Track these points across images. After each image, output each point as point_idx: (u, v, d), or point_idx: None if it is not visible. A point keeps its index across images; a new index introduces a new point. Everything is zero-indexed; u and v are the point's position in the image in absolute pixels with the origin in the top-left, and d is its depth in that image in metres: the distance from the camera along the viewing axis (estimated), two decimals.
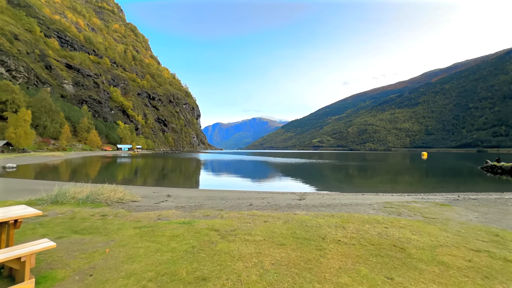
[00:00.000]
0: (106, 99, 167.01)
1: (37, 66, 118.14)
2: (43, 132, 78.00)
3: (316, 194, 11.10)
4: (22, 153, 48.66)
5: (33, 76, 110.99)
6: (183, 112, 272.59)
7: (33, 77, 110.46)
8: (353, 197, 9.67)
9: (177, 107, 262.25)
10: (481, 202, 7.98)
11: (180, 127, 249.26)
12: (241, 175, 25.52)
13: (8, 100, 66.18)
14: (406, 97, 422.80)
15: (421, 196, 9.89)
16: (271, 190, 13.62)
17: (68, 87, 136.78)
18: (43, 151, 60.27)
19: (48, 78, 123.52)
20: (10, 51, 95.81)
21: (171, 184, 16.46)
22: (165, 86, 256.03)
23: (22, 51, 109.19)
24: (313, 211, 6.17)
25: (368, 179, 23.13)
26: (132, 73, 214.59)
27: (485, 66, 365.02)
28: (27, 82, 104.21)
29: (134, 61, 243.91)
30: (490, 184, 19.35)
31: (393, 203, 7.58)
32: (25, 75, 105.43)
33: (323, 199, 8.76)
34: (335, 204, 7.36)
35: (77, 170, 26.45)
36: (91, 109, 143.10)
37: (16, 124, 50.23)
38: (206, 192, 11.03)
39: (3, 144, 48.89)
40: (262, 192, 11.21)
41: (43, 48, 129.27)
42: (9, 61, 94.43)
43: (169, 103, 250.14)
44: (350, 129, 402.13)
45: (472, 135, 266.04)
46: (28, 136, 52.07)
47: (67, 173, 23.98)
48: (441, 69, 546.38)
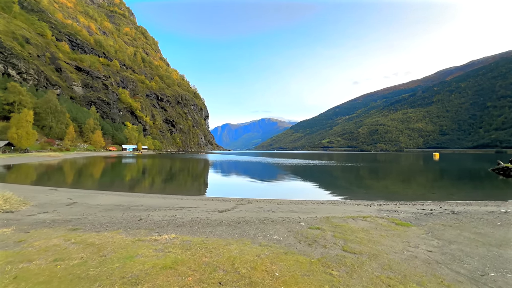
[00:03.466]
0: (115, 100, 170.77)
1: (47, 69, 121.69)
2: (48, 133, 79.71)
3: (258, 202, 9.57)
4: (23, 153, 49.43)
5: (43, 78, 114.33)
6: (191, 113, 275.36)
7: (43, 80, 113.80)
8: (299, 207, 8.12)
9: (185, 108, 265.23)
10: (460, 220, 6.30)
11: (188, 128, 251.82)
12: (210, 177, 24.24)
13: (15, 101, 67.94)
14: (419, 96, 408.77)
15: (390, 207, 8.22)
16: (216, 196, 12.22)
17: (77, 89, 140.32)
18: (46, 151, 61.27)
19: (58, 80, 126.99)
20: (21, 54, 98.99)
21: (114, 187, 15.37)
22: (173, 88, 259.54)
23: (33, 54, 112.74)
24: (201, 234, 4.65)
25: (356, 182, 21.26)
26: (141, 75, 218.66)
27: (504, 63, 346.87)
28: (37, 84, 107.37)
29: (144, 63, 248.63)
30: (494, 189, 17.14)
31: (333, 218, 6.04)
32: (35, 77, 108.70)
33: (252, 210, 7.31)
34: (250, 220, 5.93)
35: (48, 172, 25.95)
36: (99, 110, 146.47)
37: (18, 124, 51.11)
38: (125, 198, 9.69)
39: (5, 144, 49.82)
40: (193, 200, 9.75)
41: (54, 51, 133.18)
42: (20, 64, 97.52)
43: (177, 104, 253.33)
44: (360, 130, 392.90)
45: (490, 135, 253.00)
46: (30, 136, 52.90)
47: (31, 174, 23.45)
48: (457, 67, 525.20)
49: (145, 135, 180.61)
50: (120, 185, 17.26)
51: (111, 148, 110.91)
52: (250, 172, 30.41)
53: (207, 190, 16.14)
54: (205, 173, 27.79)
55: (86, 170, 28.27)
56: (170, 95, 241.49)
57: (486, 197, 13.51)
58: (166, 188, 16.28)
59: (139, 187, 16.83)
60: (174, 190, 15.53)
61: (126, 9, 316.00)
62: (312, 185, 18.84)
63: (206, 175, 25.77)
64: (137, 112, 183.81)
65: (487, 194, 14.60)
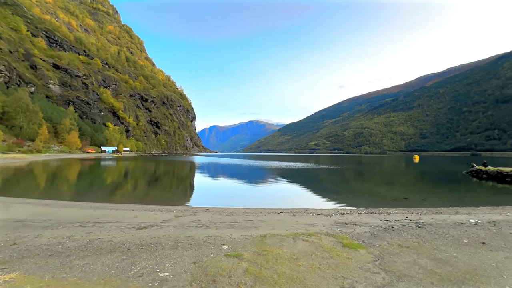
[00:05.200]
0: (95, 100, 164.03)
1: (21, 66, 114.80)
2: (19, 133, 74.51)
3: (207, 212, 8.28)
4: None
5: (15, 75, 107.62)
6: (177, 114, 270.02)
7: (15, 77, 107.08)
8: (247, 219, 6.87)
9: (171, 109, 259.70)
10: (422, 236, 5.31)
11: (173, 129, 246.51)
12: (179, 182, 22.74)
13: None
14: (401, 101, 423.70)
15: (352, 218, 7.16)
16: (167, 205, 10.87)
17: (54, 88, 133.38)
18: (13, 152, 56.87)
19: (33, 78, 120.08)
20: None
21: (54, 194, 13.61)
22: (159, 88, 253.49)
23: (4, 49, 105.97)
24: (61, 272, 3.30)
25: (334, 185, 20.44)
26: (124, 75, 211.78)
27: (478, 71, 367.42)
28: (8, 82, 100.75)
29: (128, 63, 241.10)
30: (467, 193, 16.75)
31: (270, 238, 4.88)
32: (7, 74, 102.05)
33: (182, 226, 6.05)
34: (161, 243, 4.65)
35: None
36: (78, 110, 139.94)
37: None
38: (43, 209, 8.04)
39: None
40: (131, 211, 8.30)
41: (28, 47, 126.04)
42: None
43: (162, 105, 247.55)
44: (346, 132, 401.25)
45: (466, 138, 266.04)
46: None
47: None
48: (435, 73, 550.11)
49: (128, 137, 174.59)
50: (63, 192, 15.41)
51: (89, 150, 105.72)
52: (227, 175, 29.03)
53: (166, 196, 14.64)
54: (176, 177, 26.12)
55: (40, 174, 25.82)
56: (155, 95, 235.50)
57: (458, 202, 12.96)
58: (117, 195, 14.63)
59: (85, 193, 15.05)
60: (127, 196, 13.94)
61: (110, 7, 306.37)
62: (285, 190, 17.78)
63: (176, 179, 24.13)
64: (119, 113, 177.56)
65: (459, 199, 14.10)
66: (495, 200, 13.84)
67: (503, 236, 5.38)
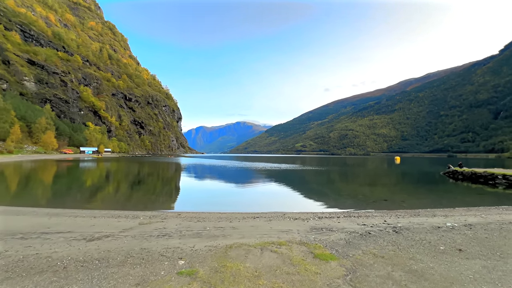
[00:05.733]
0: (75, 98, 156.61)
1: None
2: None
3: (177, 218, 7.61)
4: None
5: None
6: (162, 114, 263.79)
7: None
8: (217, 226, 6.29)
9: (156, 109, 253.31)
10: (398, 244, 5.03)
11: (158, 130, 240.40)
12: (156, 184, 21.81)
13: None
14: (383, 104, 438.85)
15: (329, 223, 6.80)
16: (135, 210, 10.17)
17: (29, 85, 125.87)
18: None
19: (5, 74, 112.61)
20: None
21: (13, 200, 12.49)
22: (143, 87, 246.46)
23: None
24: None
25: (318, 187, 20.30)
26: (107, 73, 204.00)
27: (454, 77, 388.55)
28: None
29: (110, 60, 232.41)
30: (445, 194, 17.10)
31: (236, 249, 4.39)
32: None
33: (143, 235, 5.43)
34: (109, 257, 4.04)
35: None
36: (55, 109, 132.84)
37: None
38: None
39: None
40: (92, 217, 7.46)
41: (1, 41, 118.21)
42: None
43: (147, 105, 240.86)
44: (331, 134, 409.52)
45: (443, 141, 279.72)
46: None
47: None
48: (416, 78, 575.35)
49: (110, 137, 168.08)
50: (23, 196, 14.12)
51: (66, 151, 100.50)
52: (211, 177, 28.24)
53: (140, 200, 13.75)
54: (156, 179, 25.02)
55: (2, 176, 23.87)
56: (140, 95, 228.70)
57: (436, 203, 13.10)
58: (86, 200, 13.58)
59: (49, 198, 13.87)
60: (96, 201, 12.94)
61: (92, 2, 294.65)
62: (267, 192, 17.35)
63: (155, 182, 23.07)
64: (101, 112, 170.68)
65: (437, 200, 14.30)
66: (470, 201, 14.15)
67: (479, 241, 5.21)
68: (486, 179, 22.49)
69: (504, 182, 20.81)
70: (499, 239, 5.39)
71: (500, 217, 8.57)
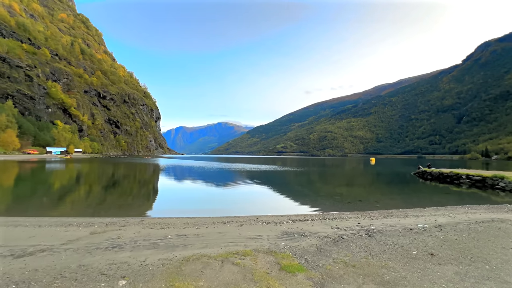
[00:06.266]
0: (42, 95, 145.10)
1: None
2: None
3: (139, 225, 6.82)
4: None
5: None
6: (139, 113, 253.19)
7: None
8: (182, 233, 5.61)
9: (133, 108, 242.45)
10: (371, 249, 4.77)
11: (135, 130, 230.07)
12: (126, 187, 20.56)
13: None
14: (360, 108, 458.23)
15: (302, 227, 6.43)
16: (91, 217, 9.27)
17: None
18: None
19: None
20: None
21: None
22: (119, 85, 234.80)
23: None
24: None
25: (298, 188, 20.18)
26: (79, 68, 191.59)
27: (423, 84, 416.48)
28: None
29: (83, 55, 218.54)
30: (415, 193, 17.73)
31: (193, 262, 3.80)
32: None
33: (89, 247, 4.71)
34: (36, 279, 3.29)
35: None
36: (19, 105, 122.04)
37: None
38: None
39: None
40: (36, 227, 6.38)
41: None
42: None
43: (123, 103, 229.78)
44: (311, 136, 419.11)
45: (413, 143, 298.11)
46: None
47: None
48: (389, 83, 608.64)
49: (81, 137, 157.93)
50: None
51: (30, 151, 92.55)
52: (188, 179, 27.12)
53: (104, 205, 12.58)
54: (127, 182, 23.48)
55: None
56: (115, 92, 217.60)
57: (408, 203, 13.41)
58: (38, 206, 12.15)
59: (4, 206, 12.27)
60: (50, 207, 11.58)
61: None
62: (243, 194, 16.83)
63: (126, 184, 21.59)
64: (71, 110, 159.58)
65: (408, 200, 14.69)
66: (438, 200, 14.72)
67: (450, 244, 5.10)
68: (452, 179, 23.80)
69: (467, 181, 22.11)
70: (468, 241, 5.35)
71: (467, 216, 8.80)
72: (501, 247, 4.93)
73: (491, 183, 20.11)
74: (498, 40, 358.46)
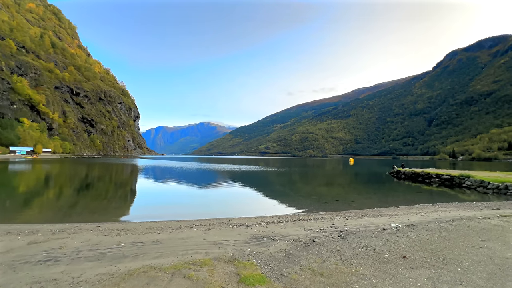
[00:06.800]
0: (6, 90, 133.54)
1: None
2: None
3: (84, 232, 6.04)
4: None
5: None
6: (117, 112, 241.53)
7: None
8: (138, 240, 4.95)
9: (109, 106, 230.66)
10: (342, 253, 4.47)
11: (111, 129, 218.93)
12: (92, 191, 19.24)
13: None
14: (340, 110, 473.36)
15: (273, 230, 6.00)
16: (33, 224, 8.31)
17: None
18: None
19: None
20: None
21: None
22: (94, 81, 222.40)
23: None
24: None
25: (273, 188, 19.88)
26: (49, 62, 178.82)
27: (398, 88, 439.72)
28: None
29: (54, 49, 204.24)
30: (390, 192, 18.17)
31: (139, 276, 3.18)
32: None
33: (35, 255, 3.92)
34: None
35: None
36: None
37: None
38: None
39: None
40: None
41: None
42: None
43: (98, 101, 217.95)
44: (293, 137, 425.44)
45: (389, 144, 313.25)
46: None
47: None
48: (367, 87, 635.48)
49: (51, 136, 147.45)
50: None
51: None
52: (163, 180, 25.85)
53: (62, 211, 11.37)
54: (94, 184, 21.85)
55: None
56: (90, 89, 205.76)
57: (382, 202, 13.57)
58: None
59: None
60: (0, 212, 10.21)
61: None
62: (220, 196, 16.19)
63: (91, 187, 20.05)
64: (40, 107, 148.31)
65: (383, 199, 14.92)
66: (411, 199, 15.10)
67: (422, 245, 4.93)
68: (424, 178, 24.86)
69: (437, 180, 23.16)
70: (440, 241, 5.22)
71: (437, 214, 8.90)
72: (472, 246, 4.83)
73: (458, 182, 21.17)
74: (463, 49, 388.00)
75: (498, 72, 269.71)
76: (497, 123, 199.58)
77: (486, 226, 6.47)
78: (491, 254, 4.36)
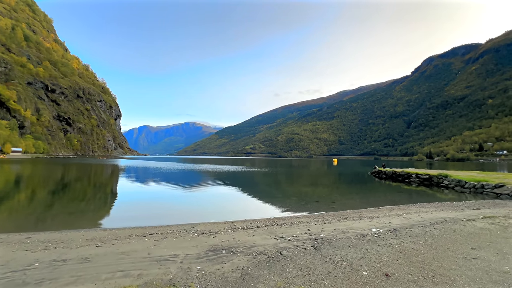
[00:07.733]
0: None
1: None
2: None
3: (42, 234, 4.89)
4: None
5: None
6: (96, 110, 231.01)
7: None
8: (88, 254, 3.86)
9: (88, 104, 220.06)
10: (312, 270, 3.68)
11: (90, 128, 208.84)
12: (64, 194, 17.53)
13: None
14: (324, 111, 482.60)
15: (240, 238, 5.08)
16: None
17: None
18: None
19: None
20: None
21: None
22: (72, 78, 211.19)
23: None
24: None
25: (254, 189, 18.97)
26: (21, 56, 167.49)
27: (379, 91, 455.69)
28: None
29: (27, 43, 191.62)
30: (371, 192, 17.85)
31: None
32: None
33: None
34: None
35: None
36: None
37: None
38: None
39: None
40: None
41: None
42: None
43: (76, 99, 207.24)
44: (279, 138, 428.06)
45: (371, 145, 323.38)
46: None
47: None
48: (351, 90, 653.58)
49: (23, 134, 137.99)
50: None
51: None
52: (140, 182, 24.18)
53: (5, 217, 9.79)
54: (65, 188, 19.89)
55: None
56: (67, 86, 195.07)
57: (363, 202, 13.07)
58: None
59: None
60: None
61: None
62: (195, 199, 15.04)
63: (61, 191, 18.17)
64: (10, 104, 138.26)
65: (364, 199, 14.45)
66: (392, 198, 14.76)
67: (407, 257, 4.18)
68: (404, 178, 25.01)
69: (417, 180, 23.32)
70: (426, 250, 4.52)
71: (420, 216, 8.38)
72: (463, 257, 4.16)
73: (437, 181, 21.35)
74: (439, 56, 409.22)
75: (470, 78, 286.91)
76: (469, 126, 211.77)
77: (473, 230, 5.92)
78: (486, 268, 3.69)
